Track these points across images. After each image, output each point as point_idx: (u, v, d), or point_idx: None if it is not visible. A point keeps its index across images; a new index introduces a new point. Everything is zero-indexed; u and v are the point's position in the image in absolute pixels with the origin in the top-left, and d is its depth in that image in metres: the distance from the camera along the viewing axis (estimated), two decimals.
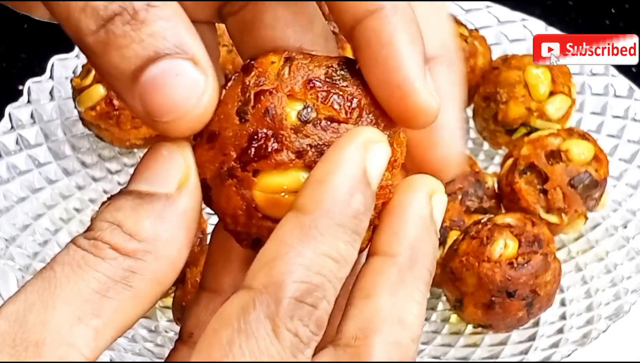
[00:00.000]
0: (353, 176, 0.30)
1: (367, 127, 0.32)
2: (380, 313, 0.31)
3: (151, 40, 0.30)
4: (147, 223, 0.31)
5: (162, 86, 0.30)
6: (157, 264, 0.31)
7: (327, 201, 0.30)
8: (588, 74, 0.84)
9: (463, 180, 0.73)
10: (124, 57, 0.30)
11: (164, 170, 0.32)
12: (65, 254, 0.31)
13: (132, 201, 0.31)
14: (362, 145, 0.31)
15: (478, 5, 0.90)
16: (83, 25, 0.30)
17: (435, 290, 0.72)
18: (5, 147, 0.75)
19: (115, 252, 0.30)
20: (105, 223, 0.31)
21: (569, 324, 0.68)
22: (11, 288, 0.67)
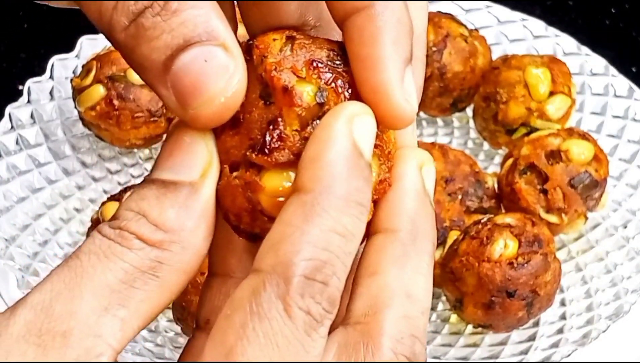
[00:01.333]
0: (345, 149, 0.30)
1: (350, 102, 0.32)
2: (388, 288, 0.31)
3: (181, 29, 0.30)
4: (171, 212, 0.31)
5: (192, 72, 0.30)
6: (183, 254, 0.31)
7: (325, 177, 0.30)
8: (588, 74, 0.84)
9: (463, 180, 0.73)
10: (154, 48, 0.30)
11: (187, 158, 0.32)
12: (91, 243, 0.31)
13: (156, 190, 0.31)
14: (347, 119, 0.31)
15: (478, 5, 0.90)
16: (115, 23, 0.30)
17: (435, 290, 0.72)
18: (5, 147, 0.75)
19: (141, 242, 0.30)
20: (131, 213, 0.31)
21: (569, 324, 0.68)
22: (11, 288, 0.67)
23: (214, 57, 0.30)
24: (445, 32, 0.79)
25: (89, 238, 0.31)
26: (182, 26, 0.30)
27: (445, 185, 0.72)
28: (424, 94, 0.80)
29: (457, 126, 0.86)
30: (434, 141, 0.81)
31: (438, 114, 0.84)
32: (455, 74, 0.79)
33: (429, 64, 0.79)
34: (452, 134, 0.86)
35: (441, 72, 0.79)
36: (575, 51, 0.85)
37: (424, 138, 0.84)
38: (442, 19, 0.81)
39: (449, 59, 0.79)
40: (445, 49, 0.79)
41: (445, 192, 0.72)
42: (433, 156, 0.72)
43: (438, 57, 0.79)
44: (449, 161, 0.73)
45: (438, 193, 0.72)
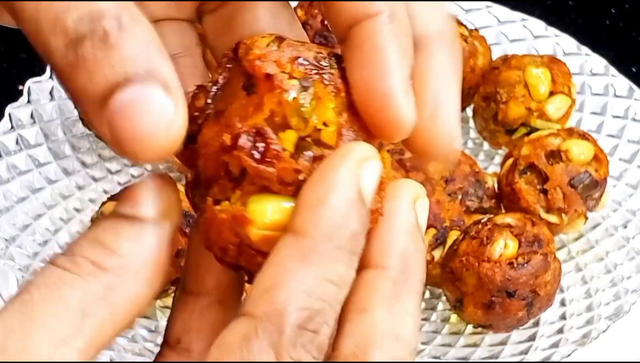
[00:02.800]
0: (349, 196, 0.30)
1: (358, 144, 0.31)
2: (377, 329, 0.31)
3: (121, 65, 0.29)
4: (127, 242, 0.30)
5: (131, 113, 0.29)
6: (135, 283, 0.30)
7: (326, 224, 0.29)
8: (588, 74, 0.84)
9: (463, 180, 0.73)
10: (92, 81, 0.29)
11: (150, 197, 0.31)
12: (41, 274, 0.30)
13: (114, 221, 0.31)
14: (355, 163, 0.30)
15: (478, 5, 0.90)
16: (52, 46, 0.29)
17: (435, 290, 0.72)
18: (5, 147, 0.75)
19: (94, 267, 0.30)
20: (86, 241, 0.30)
21: (569, 324, 0.68)
22: (11, 288, 0.67)
23: (154, 99, 0.29)
24: None
25: (41, 270, 0.30)
26: (122, 62, 0.29)
27: (445, 185, 0.72)
28: None
29: None
30: None
31: None
32: None
33: None
34: None
35: None
36: (575, 51, 0.85)
37: None
38: None
39: None
40: None
41: (445, 192, 0.72)
42: None
43: None
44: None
45: (438, 193, 0.72)
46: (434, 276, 0.69)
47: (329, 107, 0.31)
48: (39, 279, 0.30)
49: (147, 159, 0.30)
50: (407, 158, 0.72)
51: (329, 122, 0.31)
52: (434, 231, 0.70)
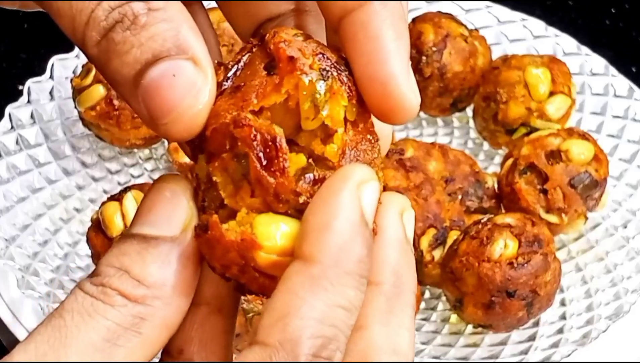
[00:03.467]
0: (353, 220, 0.30)
1: (357, 166, 0.31)
2: (376, 345, 0.31)
3: (150, 44, 0.30)
4: (153, 267, 0.31)
5: (161, 88, 0.30)
6: (164, 309, 0.31)
7: (333, 250, 0.30)
8: (588, 74, 0.84)
9: (463, 180, 0.73)
10: (125, 63, 0.30)
11: (168, 212, 0.32)
12: (73, 301, 0.31)
13: (137, 245, 0.31)
14: (356, 186, 0.30)
15: (478, 5, 0.90)
16: (87, 38, 0.30)
17: (435, 290, 0.72)
18: (5, 147, 0.75)
19: (124, 299, 0.30)
20: (112, 269, 0.31)
21: (569, 324, 0.68)
22: (11, 288, 0.67)
23: (182, 72, 0.30)
24: (445, 32, 0.79)
25: (70, 295, 0.31)
26: (151, 40, 0.30)
27: (445, 185, 0.72)
28: (423, 94, 0.80)
29: (457, 126, 0.86)
30: (434, 141, 0.81)
31: (438, 114, 0.84)
32: (455, 74, 0.79)
33: (429, 64, 0.79)
34: (452, 134, 0.86)
35: (441, 72, 0.79)
36: (575, 51, 0.85)
37: (424, 138, 0.84)
38: (442, 19, 0.81)
39: (449, 59, 0.79)
40: (445, 49, 0.79)
41: (445, 192, 0.72)
42: (433, 156, 0.73)
43: (438, 57, 0.79)
44: (449, 161, 0.73)
45: (438, 193, 0.72)
46: (434, 276, 0.69)
47: (340, 104, 0.32)
48: (71, 305, 0.30)
49: (178, 134, 0.31)
50: (407, 158, 0.73)
51: (335, 122, 0.31)
52: (434, 231, 0.70)
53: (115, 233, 0.64)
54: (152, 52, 0.30)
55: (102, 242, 0.65)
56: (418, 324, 0.69)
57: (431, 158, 0.73)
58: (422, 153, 0.73)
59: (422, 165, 0.72)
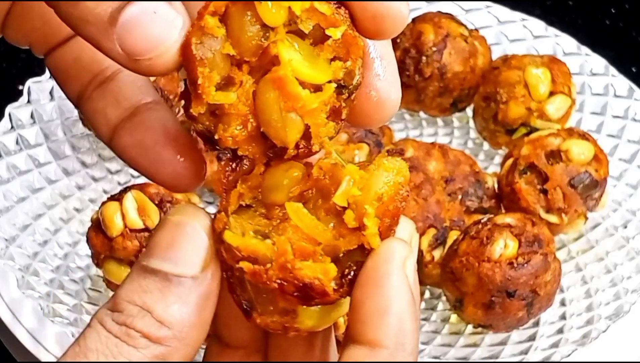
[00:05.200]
0: (408, 300, 0.31)
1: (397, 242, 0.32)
2: None
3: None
4: (175, 308, 0.32)
5: (141, 25, 0.30)
6: (184, 349, 0.32)
7: (397, 333, 0.31)
8: (588, 74, 0.84)
9: (463, 180, 0.73)
10: (99, 2, 0.31)
11: (190, 250, 0.32)
12: (96, 339, 0.31)
13: (159, 284, 0.32)
14: (402, 264, 0.32)
15: (478, 5, 0.90)
16: None
17: (435, 290, 0.72)
18: (5, 147, 0.75)
19: (147, 341, 0.31)
20: (135, 308, 0.32)
21: (569, 324, 0.68)
22: (11, 288, 0.67)
23: (161, 9, 0.31)
24: (445, 32, 0.79)
25: (92, 331, 0.32)
26: None
27: (445, 185, 0.72)
28: (423, 94, 0.80)
29: (457, 126, 0.86)
30: (434, 141, 0.81)
31: (438, 114, 0.84)
32: (455, 74, 0.79)
33: (429, 64, 0.79)
34: (452, 134, 0.86)
35: (441, 72, 0.79)
36: (575, 51, 0.85)
37: (424, 138, 0.84)
38: (442, 19, 0.81)
39: (449, 59, 0.79)
40: (445, 49, 0.79)
41: (445, 192, 0.72)
42: (433, 156, 0.73)
43: (438, 57, 0.79)
44: (449, 161, 0.73)
45: (438, 193, 0.72)
46: (434, 276, 0.69)
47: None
48: (95, 344, 0.31)
49: (160, 69, 0.31)
50: (407, 158, 0.73)
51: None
52: (434, 231, 0.70)
53: (115, 233, 0.64)
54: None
55: (102, 242, 0.65)
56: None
57: (431, 158, 0.73)
58: (422, 153, 0.73)
59: (422, 165, 0.72)
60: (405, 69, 0.80)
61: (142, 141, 0.37)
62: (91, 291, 0.69)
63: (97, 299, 0.68)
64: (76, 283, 0.69)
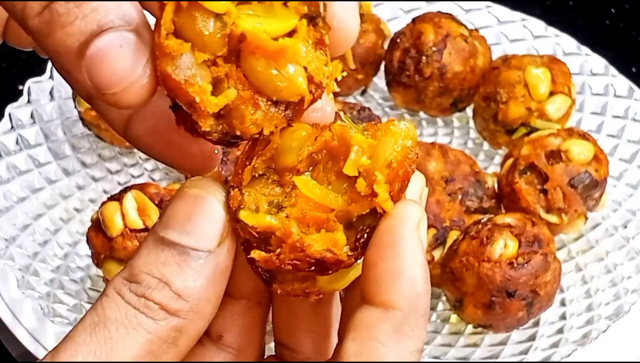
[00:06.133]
0: (422, 262, 0.32)
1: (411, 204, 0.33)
2: None
3: (94, 15, 0.30)
4: (191, 281, 0.32)
5: (108, 58, 0.30)
6: (199, 322, 0.33)
7: (411, 295, 0.31)
8: (588, 74, 0.84)
9: (463, 180, 0.73)
10: (68, 35, 0.31)
11: (207, 224, 0.33)
12: (115, 309, 0.32)
13: (178, 257, 0.32)
14: (416, 227, 0.32)
15: (478, 5, 0.90)
16: (28, 9, 0.31)
17: (435, 290, 0.72)
18: (5, 147, 0.75)
19: (165, 313, 0.32)
20: (154, 280, 0.32)
21: (569, 324, 0.68)
22: (11, 288, 0.67)
23: (129, 43, 0.31)
24: (445, 32, 0.79)
25: (110, 301, 0.32)
26: (95, 12, 0.31)
27: (445, 185, 0.72)
28: (423, 94, 0.80)
29: (457, 126, 0.86)
30: (434, 141, 0.81)
31: (438, 114, 0.84)
32: (455, 74, 0.79)
33: (429, 64, 0.79)
34: (452, 134, 0.86)
35: (441, 72, 0.79)
36: (575, 51, 0.85)
37: (424, 138, 0.84)
38: (442, 19, 0.81)
39: (449, 59, 0.79)
40: (445, 49, 0.79)
41: (445, 192, 0.72)
42: (433, 156, 0.73)
43: (438, 57, 0.79)
44: (449, 161, 0.73)
45: (438, 193, 0.72)
46: (434, 276, 0.69)
47: None
48: (114, 314, 0.32)
49: (128, 102, 0.31)
50: None
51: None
52: (434, 231, 0.70)
53: (115, 233, 0.64)
54: (96, 23, 0.30)
55: (102, 242, 0.65)
56: None
57: (431, 158, 0.73)
58: (422, 153, 0.73)
59: (422, 165, 0.72)
60: (405, 69, 0.80)
61: (155, 127, 0.37)
62: (91, 291, 0.69)
63: None
64: (76, 283, 0.69)
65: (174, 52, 0.31)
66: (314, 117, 0.36)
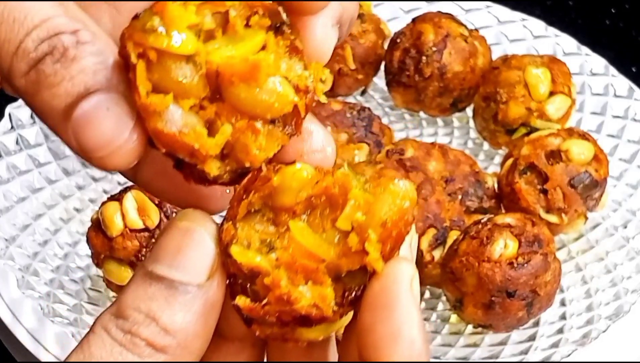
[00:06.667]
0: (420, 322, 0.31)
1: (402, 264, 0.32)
2: None
3: (81, 77, 0.30)
4: (180, 316, 0.31)
5: (94, 121, 0.30)
6: (187, 358, 0.32)
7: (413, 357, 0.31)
8: (588, 74, 0.84)
9: (463, 180, 0.73)
10: (55, 96, 0.30)
11: (196, 257, 0.32)
12: (101, 345, 0.31)
13: (165, 291, 0.32)
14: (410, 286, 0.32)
15: (478, 5, 0.90)
16: (15, 69, 0.30)
17: (435, 290, 0.72)
18: (5, 147, 0.75)
19: (151, 349, 0.31)
20: (140, 315, 0.31)
21: (569, 324, 0.68)
22: (11, 288, 0.67)
23: (116, 106, 0.30)
24: (445, 32, 0.79)
25: (96, 338, 0.31)
26: (82, 73, 0.30)
27: (445, 185, 0.72)
28: (423, 94, 0.80)
29: (457, 126, 0.86)
30: (434, 141, 0.81)
31: (438, 114, 0.84)
32: (455, 74, 0.79)
33: (429, 64, 0.79)
34: (452, 134, 0.86)
35: (441, 72, 0.79)
36: (575, 51, 0.85)
37: (424, 138, 0.84)
38: (442, 19, 0.81)
39: (449, 59, 0.79)
40: (445, 49, 0.79)
41: (445, 192, 0.72)
42: (433, 156, 0.73)
43: (438, 57, 0.79)
44: (449, 161, 0.73)
45: (438, 193, 0.72)
46: (434, 276, 0.69)
47: None
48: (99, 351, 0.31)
49: (114, 166, 0.31)
50: (407, 158, 0.73)
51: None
52: (434, 231, 0.70)
53: (115, 233, 0.64)
54: (84, 85, 0.30)
55: (102, 242, 0.65)
56: None
57: (431, 158, 0.73)
58: (422, 153, 0.73)
59: (422, 165, 0.72)
60: (405, 69, 0.80)
61: (163, 170, 0.36)
62: (91, 291, 0.69)
63: (97, 299, 0.68)
64: (76, 283, 0.69)
65: (158, 107, 0.30)
66: (314, 158, 0.35)
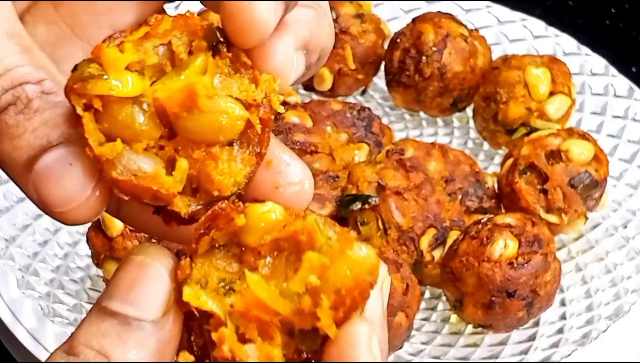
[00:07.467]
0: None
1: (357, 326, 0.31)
2: None
3: (44, 129, 0.29)
4: (133, 354, 0.30)
5: (55, 177, 0.29)
6: None
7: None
8: (588, 74, 0.84)
9: (463, 180, 0.73)
10: (16, 147, 0.30)
11: (150, 293, 0.31)
12: None
13: (118, 327, 0.30)
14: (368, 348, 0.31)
15: (478, 5, 0.90)
16: None
17: (435, 290, 0.72)
18: None
19: None
20: (92, 351, 0.30)
21: (569, 324, 0.68)
22: (11, 288, 0.67)
23: (79, 161, 0.29)
24: (445, 32, 0.79)
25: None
26: (45, 126, 0.29)
27: (445, 185, 0.72)
28: (423, 94, 0.80)
29: (457, 126, 0.86)
30: (434, 141, 0.81)
31: (438, 114, 0.84)
32: (455, 74, 0.79)
33: (429, 64, 0.79)
34: (452, 134, 0.86)
35: (441, 72, 0.79)
36: (575, 51, 0.85)
37: (424, 138, 0.84)
38: (442, 19, 0.81)
39: (449, 59, 0.79)
40: (445, 49, 0.79)
41: (445, 192, 0.72)
42: (433, 156, 0.73)
43: (438, 57, 0.79)
44: (449, 161, 0.73)
45: (438, 193, 0.72)
46: (434, 276, 0.69)
47: None
48: None
49: (74, 221, 0.30)
50: (407, 158, 0.72)
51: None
52: (434, 231, 0.70)
53: (115, 233, 0.64)
54: (46, 138, 0.29)
55: (102, 242, 0.65)
56: (418, 324, 0.69)
57: (431, 158, 0.73)
58: (422, 153, 0.73)
59: (422, 165, 0.72)
60: (405, 69, 0.80)
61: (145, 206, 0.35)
62: (91, 291, 0.69)
63: None
64: (76, 283, 0.69)
65: (110, 156, 0.29)
66: (291, 191, 0.34)
